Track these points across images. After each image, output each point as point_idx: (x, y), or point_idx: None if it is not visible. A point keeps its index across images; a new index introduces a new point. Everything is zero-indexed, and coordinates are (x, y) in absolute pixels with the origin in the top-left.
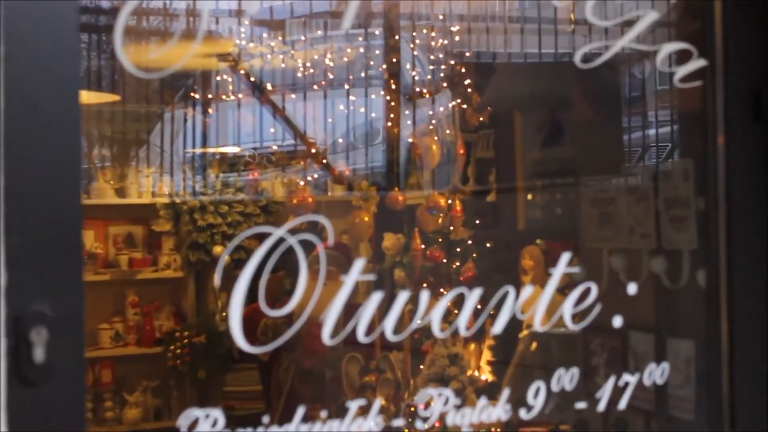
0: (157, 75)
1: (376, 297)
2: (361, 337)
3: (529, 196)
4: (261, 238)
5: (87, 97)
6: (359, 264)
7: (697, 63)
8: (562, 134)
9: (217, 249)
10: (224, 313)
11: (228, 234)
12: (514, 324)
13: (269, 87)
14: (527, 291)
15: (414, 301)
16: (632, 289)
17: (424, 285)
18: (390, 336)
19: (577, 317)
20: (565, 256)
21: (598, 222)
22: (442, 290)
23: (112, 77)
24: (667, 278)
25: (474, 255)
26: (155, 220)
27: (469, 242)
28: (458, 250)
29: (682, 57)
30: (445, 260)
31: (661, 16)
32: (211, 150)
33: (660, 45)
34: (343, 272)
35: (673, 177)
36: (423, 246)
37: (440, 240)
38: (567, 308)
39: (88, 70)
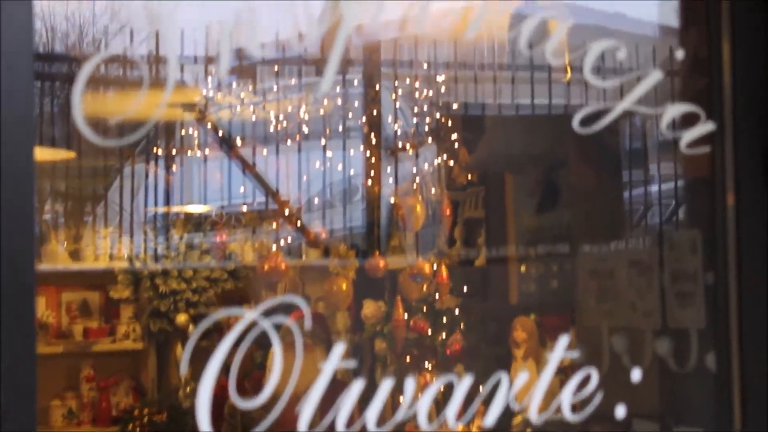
0: (117, 143)
1: (357, 386)
2: (341, 428)
3: (523, 268)
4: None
5: (40, 153)
6: (338, 350)
7: (705, 127)
8: (558, 198)
9: (181, 318)
10: (188, 389)
11: (192, 301)
12: (508, 413)
13: (238, 140)
14: (522, 378)
15: (398, 385)
16: (636, 375)
17: (407, 358)
18: (372, 429)
19: (576, 406)
20: (563, 340)
21: (597, 296)
22: (427, 364)
23: (67, 130)
24: (674, 361)
25: (461, 326)
26: (113, 286)
27: (456, 312)
28: (444, 320)
29: (688, 120)
30: (429, 331)
31: (666, 76)
32: (174, 209)
33: (664, 107)
34: (320, 343)
35: (679, 248)
36: (406, 315)
37: (425, 309)
38: (565, 397)
39: (40, 122)
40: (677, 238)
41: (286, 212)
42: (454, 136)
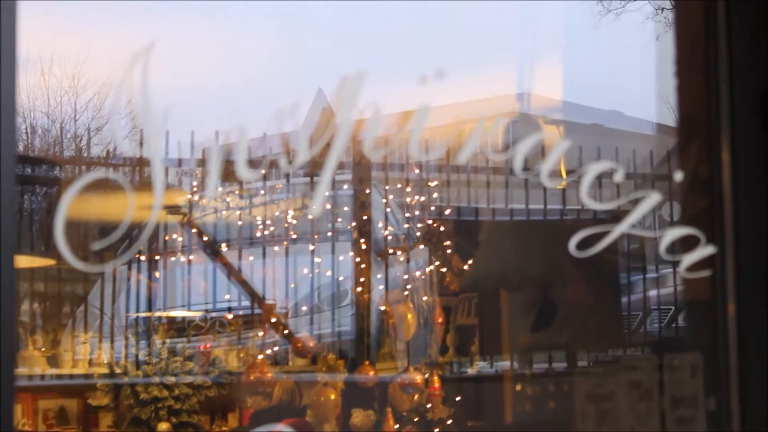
0: (100, 269)
1: None
2: None
3: (518, 387)
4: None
5: (19, 261)
6: None
7: (705, 250)
8: (554, 316)
9: (163, 426)
10: None
11: (175, 409)
12: None
13: (223, 245)
14: None
15: None
16: None
17: None
18: None
19: None
20: None
21: (595, 420)
22: None
23: (47, 236)
24: None
25: None
26: (92, 393)
27: (449, 422)
28: (437, 431)
29: (688, 243)
30: None
31: (664, 198)
32: (157, 313)
33: (663, 231)
34: None
35: (680, 371)
36: (396, 426)
37: (416, 419)
38: None
39: (19, 229)
40: (678, 361)
41: (273, 319)
42: (447, 242)
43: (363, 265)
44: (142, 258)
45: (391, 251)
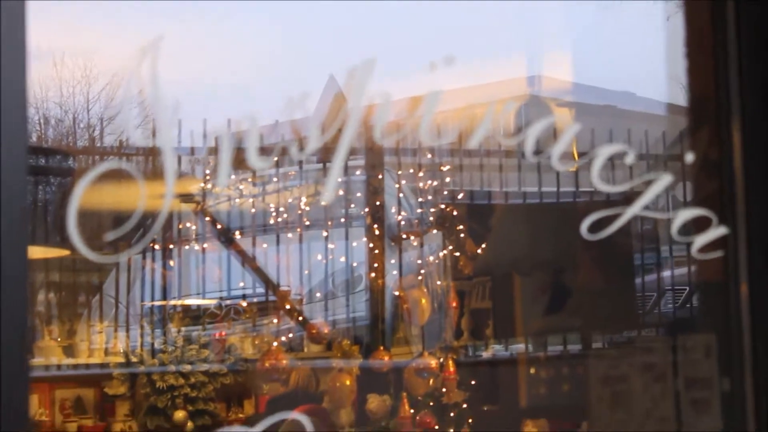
0: (114, 259)
1: None
2: None
3: (532, 370)
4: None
5: (33, 252)
6: None
7: (717, 231)
8: (566, 300)
9: (179, 414)
10: None
11: (191, 397)
12: None
13: (237, 232)
14: None
15: None
16: None
17: None
18: None
19: None
20: None
21: (609, 402)
22: None
23: (61, 227)
24: None
25: (470, 420)
26: (108, 382)
27: (464, 406)
28: (452, 415)
29: (700, 224)
30: (437, 427)
31: (677, 178)
32: (172, 302)
33: (675, 212)
34: None
35: (694, 353)
36: (412, 411)
37: (431, 404)
38: None
39: (33, 220)
40: (692, 342)
41: (287, 305)
42: (460, 226)
43: (376, 251)
44: (157, 247)
45: (404, 236)
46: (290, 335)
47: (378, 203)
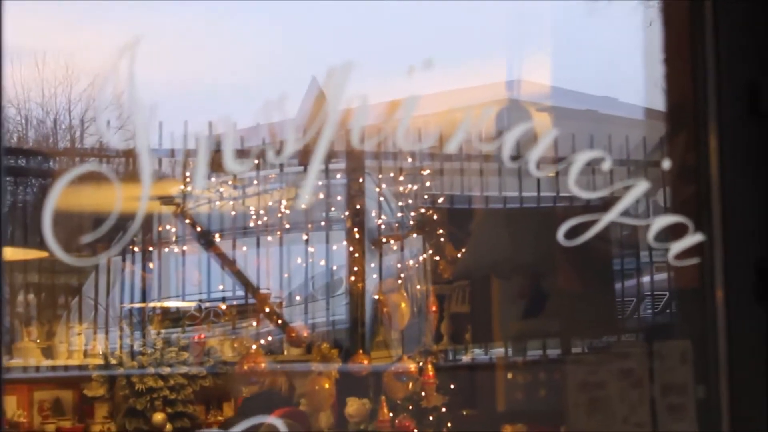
0: (92, 262)
1: None
2: None
3: (510, 375)
4: None
5: (12, 253)
6: None
7: (693, 238)
8: (544, 304)
9: (158, 416)
10: None
11: (170, 399)
12: None
13: (217, 235)
14: None
15: None
16: None
17: None
18: None
19: None
20: None
21: (587, 408)
22: None
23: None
24: None
25: (449, 424)
26: (87, 384)
27: (443, 410)
28: (431, 419)
29: (677, 230)
30: (416, 430)
31: (653, 185)
32: (151, 304)
33: (652, 218)
34: None
35: (670, 359)
36: (391, 415)
37: (410, 407)
38: None
39: (12, 221)
40: (667, 348)
41: (267, 308)
42: (440, 230)
43: (357, 255)
44: (136, 249)
45: (384, 240)
46: (269, 338)
47: (358, 207)
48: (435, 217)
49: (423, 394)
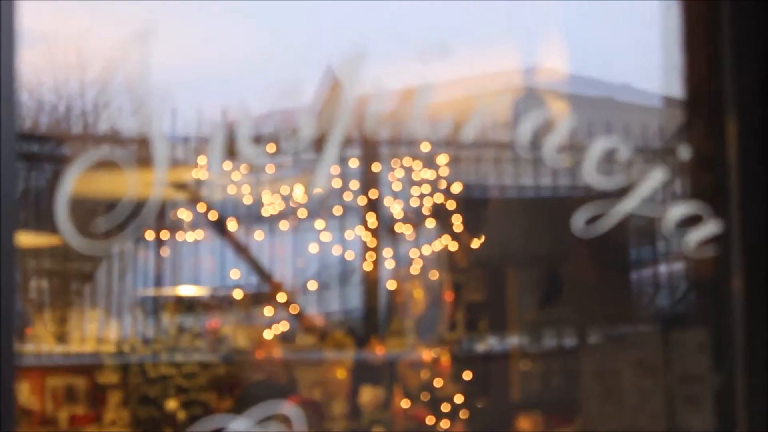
0: (104, 250)
1: None
2: None
3: (525, 364)
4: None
5: (24, 239)
6: None
7: (710, 228)
8: (560, 293)
9: (171, 404)
10: None
11: (183, 387)
12: None
13: (231, 222)
14: None
15: None
16: None
17: None
18: None
19: None
20: None
21: (601, 399)
22: None
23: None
24: None
25: (463, 413)
26: (100, 371)
27: (458, 399)
28: (445, 408)
29: (694, 219)
30: (430, 419)
31: (671, 174)
32: (164, 291)
33: (669, 207)
34: None
35: (687, 349)
36: (405, 404)
37: (424, 397)
38: None
39: (25, 207)
40: (684, 338)
41: (281, 296)
42: (455, 218)
43: (371, 243)
44: (150, 236)
45: (399, 228)
46: (283, 326)
47: (373, 195)
48: (450, 205)
49: (437, 383)
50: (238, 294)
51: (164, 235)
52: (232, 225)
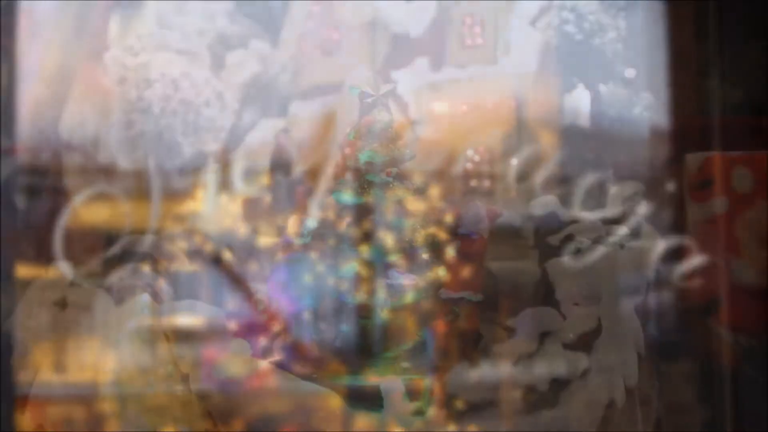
0: (98, 284)
1: None
2: None
3: (519, 393)
4: None
5: (23, 270)
6: None
7: (698, 259)
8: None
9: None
10: None
11: (180, 416)
12: None
13: (226, 253)
14: None
15: None
16: None
17: None
18: None
19: None
20: None
21: (594, 427)
22: None
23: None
24: None
25: None
26: (97, 400)
27: (451, 427)
28: None
29: (681, 250)
30: None
31: (659, 204)
32: (161, 320)
33: (657, 239)
34: None
35: (675, 379)
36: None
37: (418, 425)
38: None
39: (23, 237)
40: (672, 368)
41: (275, 325)
42: (449, 249)
43: (365, 273)
44: (146, 267)
45: (393, 258)
46: (277, 355)
47: (367, 225)
48: (443, 236)
49: (431, 410)
50: (233, 324)
51: (161, 265)
52: (227, 256)
